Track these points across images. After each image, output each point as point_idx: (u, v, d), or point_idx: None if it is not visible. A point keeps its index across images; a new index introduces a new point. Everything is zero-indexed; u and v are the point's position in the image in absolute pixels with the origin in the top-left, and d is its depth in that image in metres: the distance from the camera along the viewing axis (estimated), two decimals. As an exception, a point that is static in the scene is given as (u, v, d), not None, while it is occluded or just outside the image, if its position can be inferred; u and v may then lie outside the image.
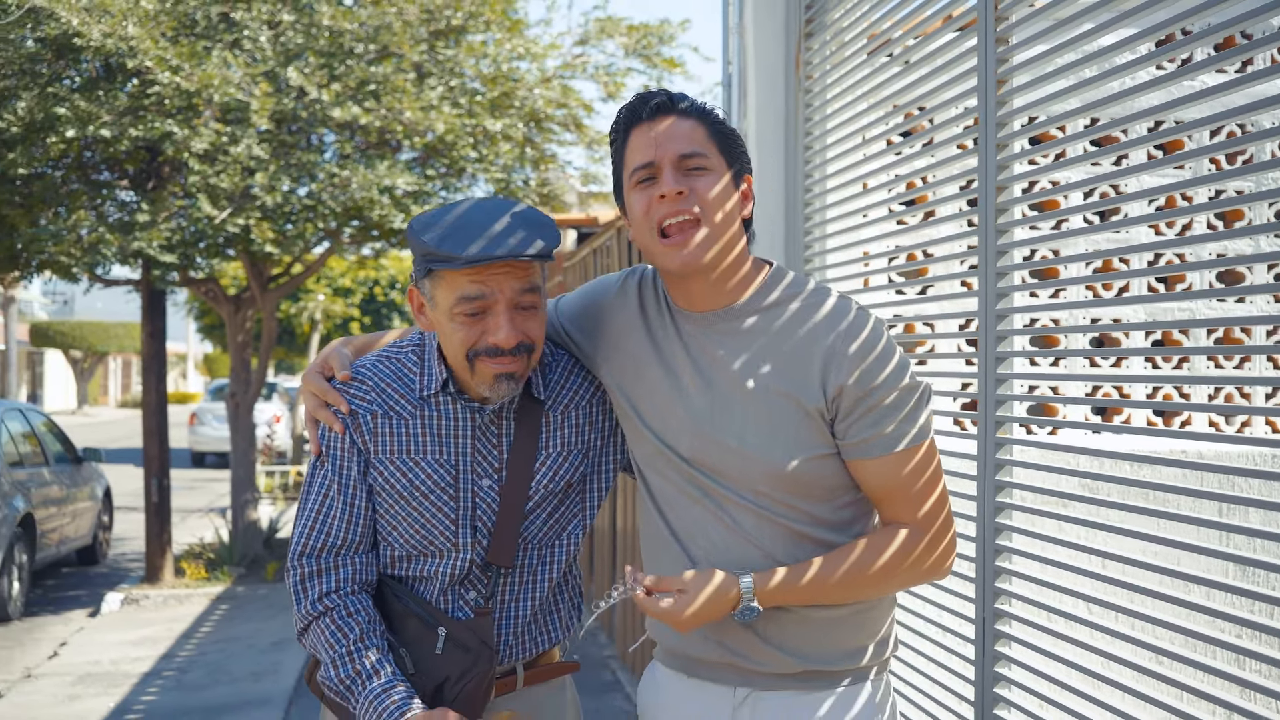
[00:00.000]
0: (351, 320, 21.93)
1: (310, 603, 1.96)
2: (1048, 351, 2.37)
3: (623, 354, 2.03)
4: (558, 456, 2.06)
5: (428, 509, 1.99)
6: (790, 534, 1.90)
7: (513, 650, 2.07)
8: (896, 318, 3.11)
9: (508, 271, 1.88)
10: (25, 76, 8.10)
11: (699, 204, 1.85)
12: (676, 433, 1.93)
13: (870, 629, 1.97)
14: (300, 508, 2.02)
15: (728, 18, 3.94)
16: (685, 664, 2.02)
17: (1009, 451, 2.52)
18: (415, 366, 2.03)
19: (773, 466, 1.87)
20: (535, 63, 9.62)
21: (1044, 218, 2.36)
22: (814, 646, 1.92)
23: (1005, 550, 2.50)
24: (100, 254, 8.41)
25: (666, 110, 1.89)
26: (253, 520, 10.88)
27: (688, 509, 1.95)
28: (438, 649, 1.95)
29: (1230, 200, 1.92)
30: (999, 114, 2.50)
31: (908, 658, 3.00)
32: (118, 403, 53.24)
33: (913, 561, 1.89)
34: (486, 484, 2.01)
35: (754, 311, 1.93)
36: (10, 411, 9.97)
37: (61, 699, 6.55)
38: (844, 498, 1.93)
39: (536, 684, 2.13)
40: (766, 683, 1.94)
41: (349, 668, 1.89)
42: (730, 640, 1.93)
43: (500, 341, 1.88)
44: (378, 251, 11.40)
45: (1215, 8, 1.90)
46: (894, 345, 1.89)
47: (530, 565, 2.07)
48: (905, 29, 3.06)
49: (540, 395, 2.05)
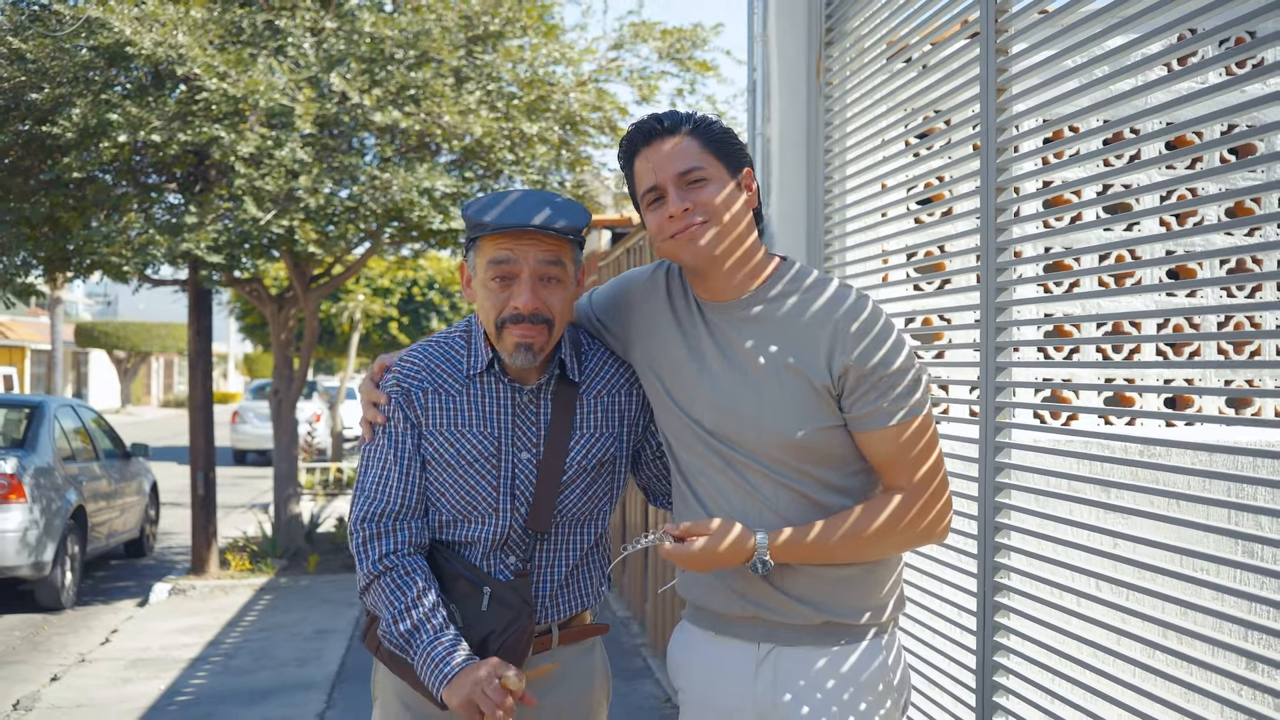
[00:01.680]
0: (390, 320, 22.24)
1: (372, 563, 2.18)
2: (1046, 341, 2.55)
3: (653, 337, 2.25)
4: (591, 437, 2.28)
5: (473, 476, 2.21)
6: (802, 498, 2.10)
7: (548, 611, 2.29)
8: (914, 312, 3.30)
9: (534, 243, 2.13)
10: (79, 84, 8.39)
11: (703, 213, 2.08)
12: (701, 408, 2.15)
13: (879, 587, 2.16)
14: (360, 479, 2.25)
15: (752, 26, 4.12)
16: (712, 621, 2.22)
17: (1008, 435, 2.70)
18: (463, 349, 2.26)
19: (785, 436, 2.08)
20: (571, 67, 9.82)
21: (1037, 216, 2.54)
22: (827, 599, 2.12)
23: (1004, 527, 2.68)
24: (150, 254, 8.68)
25: (660, 134, 2.11)
26: (295, 514, 11.16)
27: (711, 478, 2.16)
28: (483, 606, 2.17)
29: (1179, 197, 2.09)
30: (999, 119, 2.68)
31: (915, 630, 3.17)
32: (160, 402, 54.03)
33: (909, 522, 2.09)
34: (525, 457, 2.23)
35: (766, 299, 2.14)
36: (63, 408, 10.28)
37: (115, 681, 6.83)
38: (852, 466, 2.13)
39: (569, 644, 2.34)
40: (787, 637, 2.14)
41: (408, 622, 2.12)
42: (753, 594, 2.13)
43: (521, 305, 2.12)
44: (416, 252, 11.65)
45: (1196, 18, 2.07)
46: (892, 326, 2.11)
47: (565, 534, 2.29)
48: (921, 35, 3.24)
49: (575, 378, 2.27)
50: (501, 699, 2.00)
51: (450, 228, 9.27)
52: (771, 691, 2.14)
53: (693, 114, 2.15)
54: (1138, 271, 3.85)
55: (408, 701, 2.28)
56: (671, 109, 2.21)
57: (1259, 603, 1.98)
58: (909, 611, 3.20)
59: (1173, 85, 2.29)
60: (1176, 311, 2.20)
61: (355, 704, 6.26)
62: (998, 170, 2.68)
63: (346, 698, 6.41)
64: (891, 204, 3.37)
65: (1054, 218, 3.63)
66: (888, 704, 2.15)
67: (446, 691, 2.05)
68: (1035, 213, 2.60)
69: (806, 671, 2.13)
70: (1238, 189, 2.04)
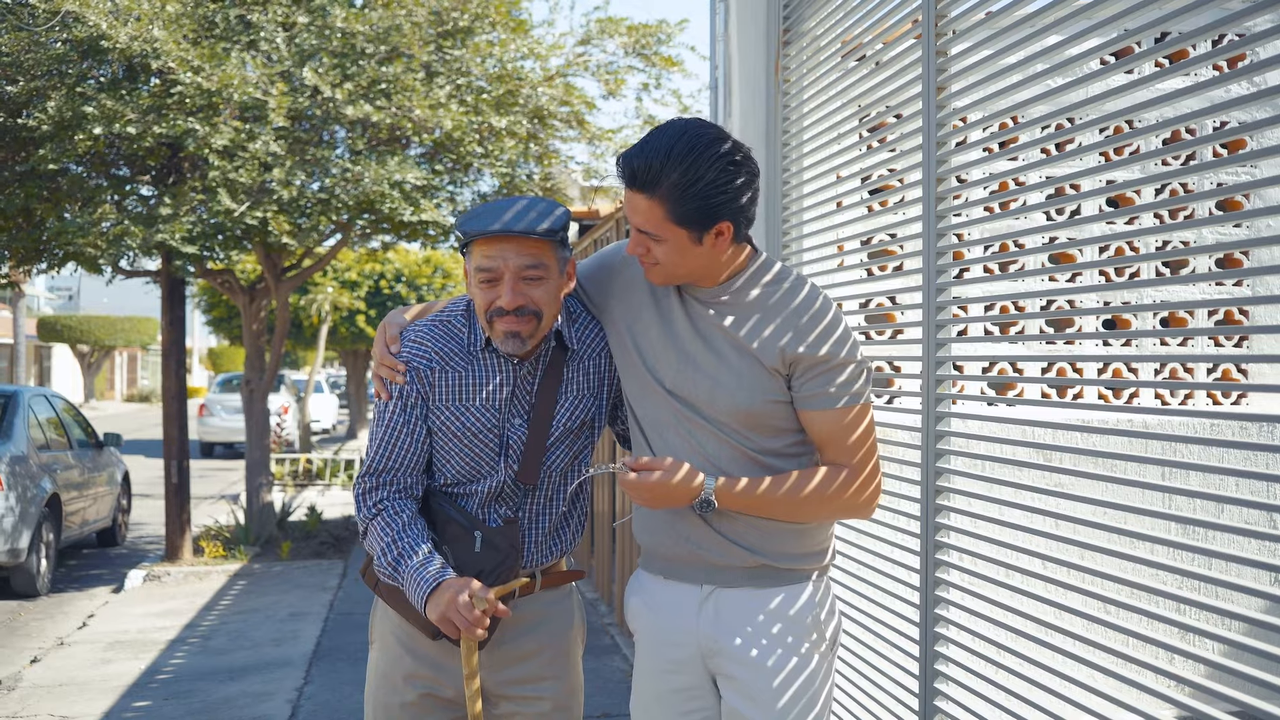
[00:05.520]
0: (358, 313, 22.35)
1: (368, 509, 2.45)
2: (989, 318, 2.78)
3: (629, 301, 2.49)
4: (575, 399, 2.53)
5: (477, 445, 2.47)
6: (744, 458, 2.35)
7: (534, 557, 2.54)
8: (866, 295, 3.53)
9: (514, 246, 2.36)
10: (54, 77, 8.51)
11: (656, 259, 2.32)
12: (665, 368, 2.39)
13: (808, 537, 2.41)
14: (371, 438, 2.51)
15: (714, 26, 4.33)
16: (661, 566, 2.48)
17: (948, 407, 2.94)
18: (464, 326, 2.51)
19: (735, 403, 2.33)
20: (539, 62, 10.03)
21: (979, 202, 2.78)
22: (759, 543, 2.36)
23: (945, 490, 2.93)
24: (125, 246, 8.82)
25: (636, 186, 2.27)
26: (267, 502, 11.31)
27: (664, 432, 2.41)
28: (476, 548, 2.41)
29: (1113, 186, 2.33)
30: (939, 115, 2.92)
31: (861, 589, 3.41)
32: (124, 396, 53.74)
33: (840, 495, 2.34)
34: (518, 422, 2.49)
35: (738, 289, 2.38)
36: (37, 397, 10.38)
37: (95, 662, 6.98)
38: (791, 438, 2.38)
39: (550, 588, 2.59)
40: (726, 579, 2.39)
41: (393, 551, 2.36)
42: (695, 537, 2.38)
43: (504, 304, 2.36)
44: (386, 245, 11.82)
45: (1116, 21, 2.31)
46: (843, 321, 2.36)
47: (552, 487, 2.55)
48: (871, 35, 3.46)
49: (572, 345, 2.52)
50: (473, 614, 2.23)
51: (421, 219, 9.44)
52: (714, 628, 2.38)
53: (675, 171, 2.22)
54: (1076, 254, 4.12)
55: (402, 639, 2.52)
56: (661, 146, 2.26)
57: (1190, 578, 2.22)
58: (858, 573, 3.44)
59: (1106, 79, 2.52)
60: (1114, 287, 2.43)
61: (332, 680, 6.45)
62: (938, 162, 2.92)
63: (323, 674, 6.60)
64: (845, 193, 3.61)
65: (997, 204, 3.87)
66: (814, 637, 2.40)
67: (428, 606, 2.28)
68: (978, 199, 2.84)
69: (743, 610, 2.37)
70: (1163, 172, 2.26)
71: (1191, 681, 2.16)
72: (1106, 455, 2.37)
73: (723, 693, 2.41)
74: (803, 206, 3.89)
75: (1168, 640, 2.26)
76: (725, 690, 2.40)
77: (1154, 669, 2.24)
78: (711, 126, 2.30)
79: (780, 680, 2.35)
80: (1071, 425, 2.57)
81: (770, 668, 2.34)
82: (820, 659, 2.40)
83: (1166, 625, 2.58)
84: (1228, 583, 2.10)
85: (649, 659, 2.49)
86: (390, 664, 2.55)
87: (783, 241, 4.04)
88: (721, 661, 2.38)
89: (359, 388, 26.60)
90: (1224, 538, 3.95)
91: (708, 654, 2.40)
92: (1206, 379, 4.49)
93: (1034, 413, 4.01)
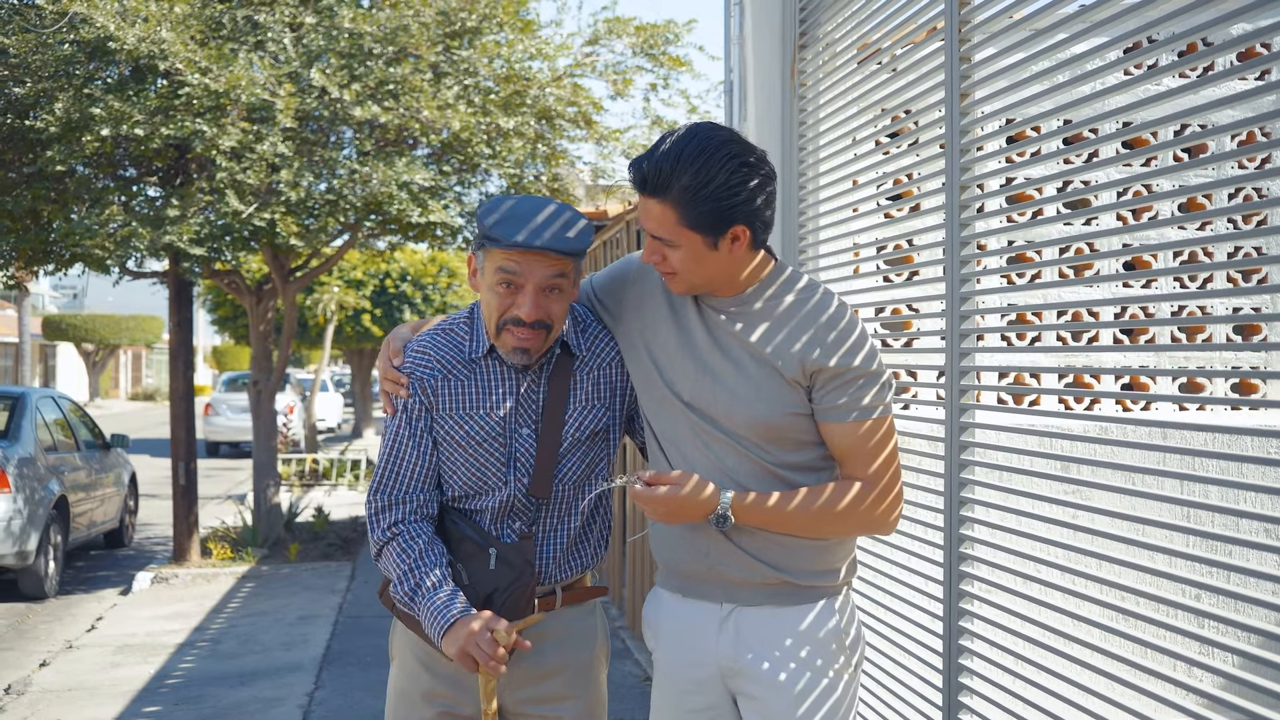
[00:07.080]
0: (364, 312, 22.34)
1: (382, 530, 2.40)
2: (1009, 329, 2.74)
3: (645, 311, 2.44)
4: (584, 409, 2.48)
5: (482, 455, 2.41)
6: (763, 472, 2.31)
7: (553, 574, 2.49)
8: (883, 303, 3.49)
9: (540, 258, 2.30)
10: (61, 78, 8.49)
11: (672, 267, 2.27)
12: (682, 380, 2.34)
13: (832, 555, 2.37)
14: (380, 453, 2.46)
15: (729, 29, 4.30)
16: (679, 583, 2.43)
17: (972, 416, 2.90)
18: (466, 334, 2.46)
19: (754, 415, 2.28)
20: (546, 62, 9.99)
21: (1001, 212, 2.74)
22: (784, 560, 2.32)
23: (969, 501, 2.89)
24: (133, 247, 8.79)
25: (647, 191, 2.24)
26: (275, 504, 11.29)
27: (681, 445, 2.36)
28: (490, 565, 2.36)
29: (1134, 193, 2.29)
30: (963, 121, 2.88)
31: (883, 600, 3.38)
32: (129, 395, 53.76)
33: (861, 510, 2.29)
34: (525, 432, 2.43)
35: (758, 298, 2.34)
36: (44, 399, 10.37)
37: (104, 666, 6.96)
38: (812, 452, 2.33)
39: (572, 605, 2.54)
40: (746, 597, 2.34)
41: (411, 581, 2.32)
42: (715, 552, 2.34)
43: (524, 315, 2.30)
44: (394, 245, 11.79)
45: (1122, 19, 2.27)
46: (866, 334, 2.31)
47: (566, 500, 2.49)
48: (892, 40, 3.43)
49: (578, 352, 2.47)
50: (494, 650, 2.19)
51: (429, 220, 9.41)
52: (734, 648, 2.34)
53: (686, 174, 2.18)
54: (1096, 263, 4.07)
55: (421, 657, 2.49)
56: (672, 149, 2.22)
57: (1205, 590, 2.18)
58: (880, 584, 3.40)
59: (1130, 89, 2.49)
60: (1133, 299, 2.39)
61: (343, 685, 6.43)
62: (961, 169, 2.88)
63: (334, 679, 6.57)
64: (862, 200, 3.57)
65: (1016, 213, 3.83)
66: (840, 660, 2.35)
67: (445, 641, 2.24)
68: (999, 208, 2.80)
69: (764, 630, 2.33)
70: (1190, 186, 2.23)
71: (1211, 695, 2.13)
72: (1130, 469, 2.33)
73: (743, 713, 2.37)
74: (819, 212, 3.85)
75: (1190, 655, 2.23)
76: (746, 710, 2.36)
77: (1174, 682, 2.21)
78: (723, 129, 2.26)
79: (802, 701, 2.31)
80: (1094, 438, 2.54)
81: (792, 688, 2.30)
82: (843, 678, 2.36)
83: (1188, 639, 2.55)
84: (1247, 596, 2.06)
85: (668, 679, 2.45)
86: (409, 681, 2.52)
87: (799, 248, 4.00)
88: (742, 682, 2.34)
89: (364, 386, 26.59)
90: (1241, 551, 3.90)
91: (728, 674, 2.36)
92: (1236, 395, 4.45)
93: (1059, 423, 3.95)
